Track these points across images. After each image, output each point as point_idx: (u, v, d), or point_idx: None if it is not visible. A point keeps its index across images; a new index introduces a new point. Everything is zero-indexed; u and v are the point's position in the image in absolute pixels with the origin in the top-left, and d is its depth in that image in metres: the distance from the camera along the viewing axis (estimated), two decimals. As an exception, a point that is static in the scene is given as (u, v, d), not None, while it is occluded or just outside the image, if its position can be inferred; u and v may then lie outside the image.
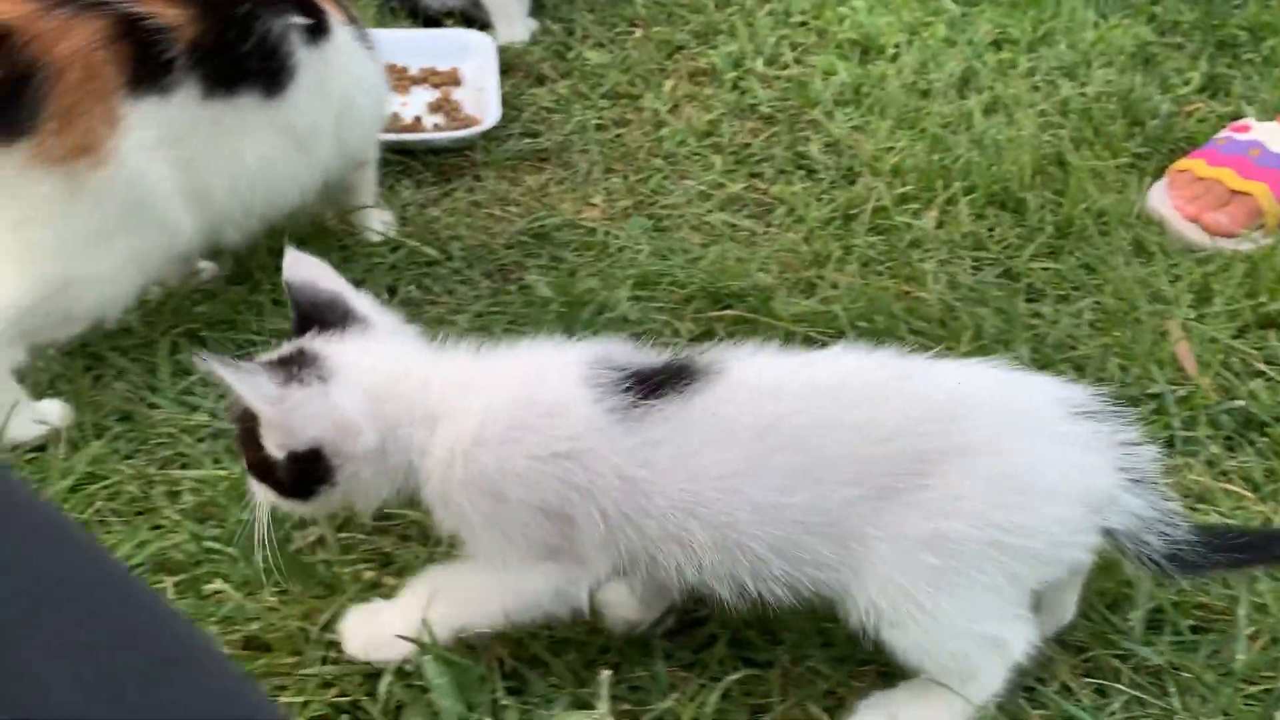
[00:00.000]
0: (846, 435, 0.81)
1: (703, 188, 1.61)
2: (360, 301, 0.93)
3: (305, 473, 0.85)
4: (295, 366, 0.85)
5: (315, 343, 0.88)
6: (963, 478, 0.80)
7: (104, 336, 1.25)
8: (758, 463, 0.81)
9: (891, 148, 1.65)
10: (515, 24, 1.95)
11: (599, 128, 1.75)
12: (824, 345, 0.92)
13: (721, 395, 0.83)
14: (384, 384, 0.85)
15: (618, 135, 1.74)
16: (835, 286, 1.39)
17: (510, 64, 1.87)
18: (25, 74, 1.03)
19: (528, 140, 1.71)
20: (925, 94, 1.79)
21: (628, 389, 0.83)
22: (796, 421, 0.81)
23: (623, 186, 1.62)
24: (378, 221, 1.47)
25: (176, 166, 1.15)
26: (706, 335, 1.31)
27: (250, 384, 0.81)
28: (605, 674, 0.88)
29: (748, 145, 1.71)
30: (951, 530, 0.79)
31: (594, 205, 1.59)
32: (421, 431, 0.85)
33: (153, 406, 1.21)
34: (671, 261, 1.43)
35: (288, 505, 0.89)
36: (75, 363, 1.24)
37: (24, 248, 1.10)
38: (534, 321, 1.33)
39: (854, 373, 0.86)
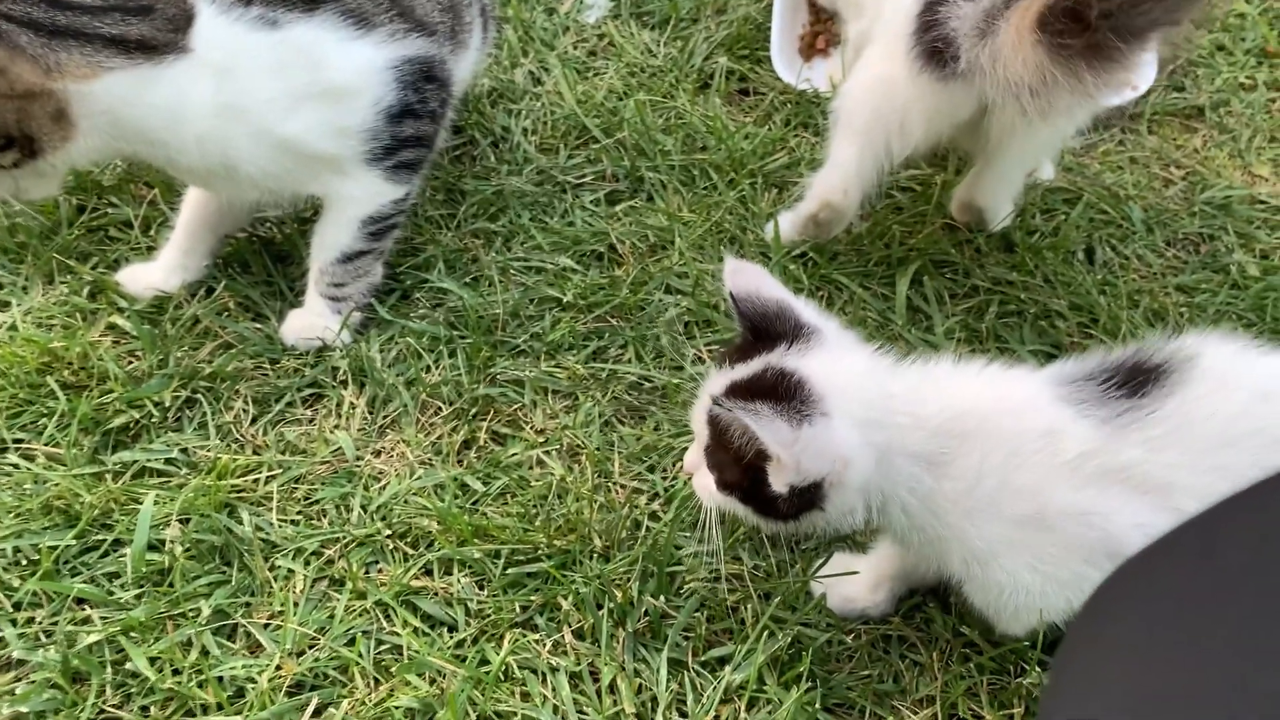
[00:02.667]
0: None
1: (1389, 173, 1.47)
2: (805, 309, 0.88)
3: (799, 501, 0.84)
4: (788, 398, 0.82)
5: (789, 361, 0.84)
6: None
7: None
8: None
9: None
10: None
11: (1246, 87, 1.62)
12: None
13: (1206, 390, 0.82)
14: (874, 414, 0.83)
15: (1273, 99, 1.60)
16: None
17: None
18: None
19: (1175, 94, 1.61)
20: None
21: (1116, 396, 0.83)
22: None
23: (1292, 160, 1.50)
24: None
25: None
26: None
27: (770, 430, 0.79)
28: None
29: None
30: None
31: (1261, 177, 1.48)
32: (913, 466, 0.84)
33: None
34: (1386, 259, 1.32)
35: (765, 524, 0.88)
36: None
37: None
38: (1244, 305, 1.25)
39: None
